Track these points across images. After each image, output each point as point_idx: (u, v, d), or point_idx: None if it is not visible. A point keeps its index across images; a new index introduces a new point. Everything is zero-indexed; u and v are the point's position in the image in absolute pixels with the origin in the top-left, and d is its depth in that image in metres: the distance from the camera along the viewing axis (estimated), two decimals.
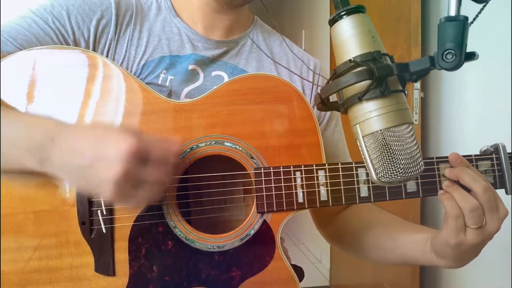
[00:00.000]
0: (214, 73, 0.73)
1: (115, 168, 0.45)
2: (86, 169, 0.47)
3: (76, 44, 0.66)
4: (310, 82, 0.78)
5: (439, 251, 0.61)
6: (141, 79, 0.68)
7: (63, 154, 0.48)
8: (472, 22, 0.39)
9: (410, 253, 0.66)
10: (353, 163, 0.63)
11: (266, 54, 0.76)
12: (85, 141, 0.48)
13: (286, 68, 0.75)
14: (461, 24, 0.39)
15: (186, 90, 0.71)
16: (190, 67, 0.71)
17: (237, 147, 0.63)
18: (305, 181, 0.62)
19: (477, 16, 0.40)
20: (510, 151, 0.65)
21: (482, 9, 0.40)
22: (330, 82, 0.43)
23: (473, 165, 0.62)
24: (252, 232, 0.63)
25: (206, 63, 0.73)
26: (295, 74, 0.77)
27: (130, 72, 0.68)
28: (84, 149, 0.47)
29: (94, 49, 0.67)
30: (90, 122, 0.56)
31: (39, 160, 0.49)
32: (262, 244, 0.63)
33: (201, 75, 0.72)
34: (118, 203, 0.58)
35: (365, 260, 0.78)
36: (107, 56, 0.67)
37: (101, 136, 0.48)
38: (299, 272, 0.66)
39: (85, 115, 0.61)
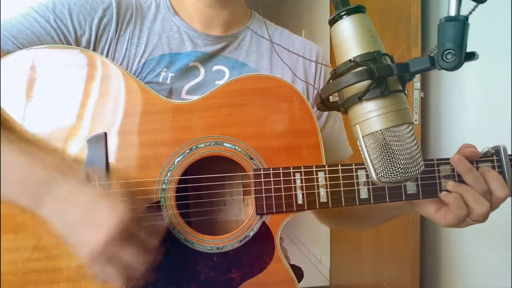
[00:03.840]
0: (215, 68, 0.73)
1: (100, 234, 0.47)
2: (73, 225, 0.49)
3: (77, 43, 0.65)
4: (311, 82, 0.79)
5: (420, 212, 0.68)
6: (141, 78, 0.68)
7: (57, 202, 0.50)
8: (467, 17, 0.39)
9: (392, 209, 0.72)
10: (353, 164, 0.63)
11: (273, 43, 0.75)
12: (83, 194, 0.50)
13: (293, 52, 0.74)
14: (461, 24, 0.39)
15: (187, 86, 0.71)
16: (191, 64, 0.71)
17: (237, 148, 0.63)
18: (305, 183, 0.62)
19: (472, 11, 0.40)
20: (511, 153, 0.65)
21: (476, 6, 0.39)
22: (330, 82, 0.43)
23: (473, 166, 0.62)
24: (252, 233, 0.63)
25: (207, 58, 0.73)
26: (301, 57, 0.77)
27: (130, 71, 0.68)
28: (79, 204, 0.49)
29: (95, 48, 0.67)
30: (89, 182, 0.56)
31: (32, 203, 0.51)
32: (262, 245, 0.62)
33: (202, 70, 0.72)
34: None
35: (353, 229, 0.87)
36: (107, 55, 0.67)
37: (99, 194, 0.49)
38: (299, 272, 0.65)
39: (84, 115, 0.61)
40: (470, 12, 0.39)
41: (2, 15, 0.64)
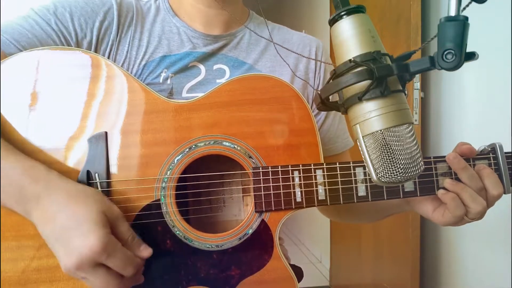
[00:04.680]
0: (215, 67, 0.73)
1: (71, 259, 0.49)
2: (53, 241, 0.51)
3: (79, 46, 0.66)
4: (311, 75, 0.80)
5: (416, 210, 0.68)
6: (141, 80, 0.68)
7: (42, 218, 0.52)
8: (467, 17, 0.39)
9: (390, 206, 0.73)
10: (351, 162, 0.64)
11: (274, 43, 0.76)
12: (63, 215, 0.51)
13: (292, 51, 0.74)
14: (461, 24, 0.39)
15: (188, 85, 0.71)
16: (191, 64, 0.71)
17: (236, 146, 0.63)
18: (303, 181, 0.62)
19: (466, 6, 0.40)
20: (508, 151, 0.65)
21: (469, 2, 0.39)
22: (330, 82, 0.43)
23: (470, 164, 0.62)
24: (251, 231, 0.63)
25: (206, 57, 0.73)
26: (300, 55, 0.78)
27: (131, 73, 0.68)
28: (59, 224, 0.51)
29: (96, 51, 0.67)
30: (81, 186, 0.56)
31: (24, 213, 0.53)
32: (261, 243, 0.63)
33: (203, 69, 0.72)
34: None
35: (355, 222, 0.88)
36: (108, 58, 0.68)
37: (78, 217, 0.50)
38: (298, 272, 0.66)
39: (87, 116, 0.61)
40: (464, 8, 0.39)
41: (2, 16, 0.64)
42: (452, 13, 0.39)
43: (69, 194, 0.53)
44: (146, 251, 0.55)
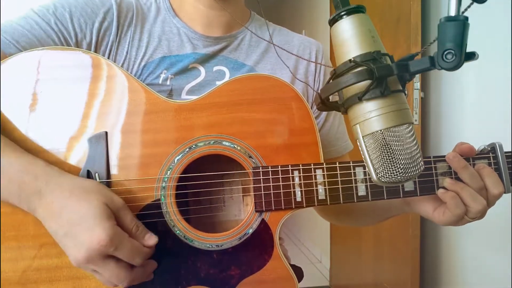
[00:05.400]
0: (215, 68, 0.73)
1: (79, 253, 0.50)
2: (60, 236, 0.52)
3: (78, 46, 0.66)
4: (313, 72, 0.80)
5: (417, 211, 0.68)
6: (141, 80, 0.68)
7: (47, 213, 0.52)
8: (467, 17, 0.39)
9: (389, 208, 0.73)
10: (351, 162, 0.64)
11: (274, 45, 0.76)
12: (68, 210, 0.52)
13: (293, 54, 0.75)
14: (461, 24, 0.39)
15: (187, 86, 0.71)
16: (191, 65, 0.71)
17: (236, 146, 0.63)
18: (303, 180, 0.62)
19: (467, 7, 0.40)
20: (508, 151, 0.65)
21: (471, 3, 0.39)
22: (330, 82, 0.43)
23: (470, 164, 0.62)
24: (251, 231, 0.63)
25: (206, 59, 0.73)
26: (300, 58, 0.78)
27: (131, 73, 0.68)
28: (64, 219, 0.51)
29: (96, 51, 0.67)
30: (83, 180, 0.57)
31: (28, 208, 0.54)
32: (261, 243, 0.63)
33: (203, 71, 0.72)
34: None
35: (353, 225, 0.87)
36: (108, 58, 0.67)
37: (82, 212, 0.51)
38: (298, 272, 0.66)
39: (87, 116, 0.61)
40: (465, 9, 0.40)
41: (2, 17, 0.64)
42: (452, 13, 0.39)
43: (70, 189, 0.53)
44: (151, 240, 0.56)
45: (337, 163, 0.63)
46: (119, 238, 0.51)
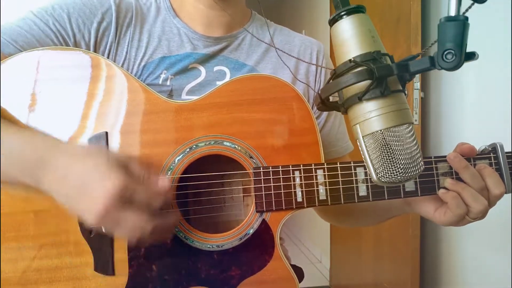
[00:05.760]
0: (216, 68, 0.73)
1: (97, 205, 0.47)
2: (72, 199, 0.50)
3: (77, 46, 0.66)
4: (314, 72, 0.80)
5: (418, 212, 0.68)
6: (141, 80, 0.68)
7: (54, 179, 0.50)
8: (467, 17, 0.39)
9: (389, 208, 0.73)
10: (352, 162, 0.64)
11: (276, 48, 0.76)
12: (74, 171, 0.50)
13: (293, 56, 0.75)
14: (461, 24, 0.39)
15: (188, 86, 0.71)
16: (191, 66, 0.71)
17: (236, 146, 0.63)
18: (304, 181, 0.62)
19: (468, 8, 0.40)
20: (509, 151, 0.65)
21: (472, 4, 0.39)
22: (330, 82, 0.43)
23: (471, 164, 0.62)
24: (251, 231, 0.63)
25: (207, 59, 0.73)
26: (301, 60, 0.78)
27: (131, 73, 0.68)
28: (73, 180, 0.49)
29: (95, 52, 0.67)
30: (83, 145, 0.56)
31: (33, 181, 0.51)
32: (261, 243, 0.63)
33: (203, 71, 0.72)
34: (104, 231, 0.57)
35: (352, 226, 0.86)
36: (107, 58, 0.67)
37: (90, 169, 0.49)
38: (299, 273, 0.66)
39: (87, 116, 0.61)
40: (466, 10, 0.40)
41: (2, 18, 0.64)
42: (452, 13, 0.39)
43: (73, 153, 0.52)
44: (164, 182, 0.53)
45: (338, 163, 0.63)
46: (132, 183, 0.49)
